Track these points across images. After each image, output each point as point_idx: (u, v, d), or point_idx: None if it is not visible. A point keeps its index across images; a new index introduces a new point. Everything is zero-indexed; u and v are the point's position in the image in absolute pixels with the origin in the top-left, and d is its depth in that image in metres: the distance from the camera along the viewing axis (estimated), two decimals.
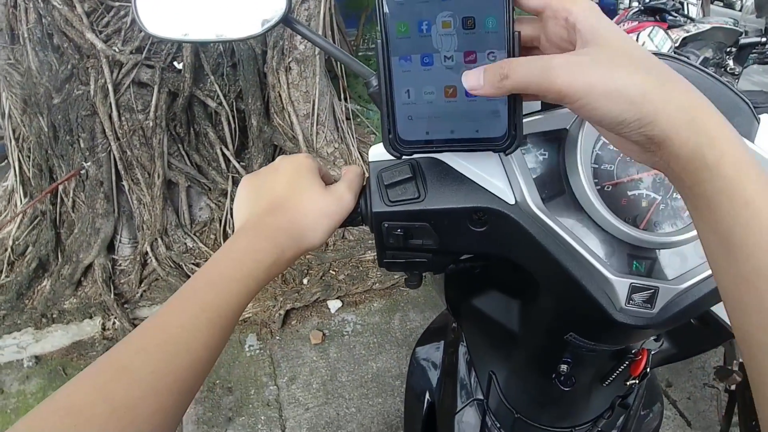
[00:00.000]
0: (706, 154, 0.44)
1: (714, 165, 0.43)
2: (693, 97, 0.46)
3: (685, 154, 0.45)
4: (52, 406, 0.47)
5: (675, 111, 0.45)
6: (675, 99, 0.45)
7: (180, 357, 0.53)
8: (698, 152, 0.44)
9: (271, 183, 0.73)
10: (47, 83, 2.81)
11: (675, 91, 0.46)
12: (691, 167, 0.45)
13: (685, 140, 0.44)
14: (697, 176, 0.45)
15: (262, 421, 2.65)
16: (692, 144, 0.44)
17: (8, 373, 2.96)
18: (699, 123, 0.44)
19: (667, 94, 0.45)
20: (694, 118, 0.45)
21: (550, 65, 0.48)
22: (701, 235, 0.47)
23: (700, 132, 0.44)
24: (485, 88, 0.52)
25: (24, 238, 3.29)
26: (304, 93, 3.15)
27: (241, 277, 0.61)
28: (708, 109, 0.46)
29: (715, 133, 0.44)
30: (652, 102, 0.45)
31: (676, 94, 0.46)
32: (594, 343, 0.77)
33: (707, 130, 0.44)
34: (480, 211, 0.66)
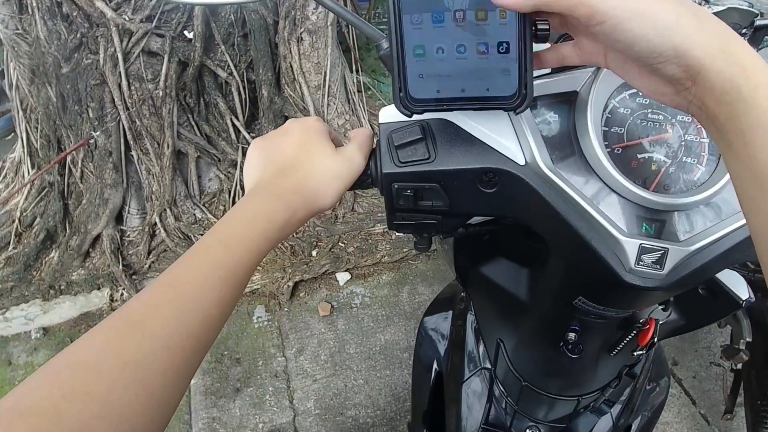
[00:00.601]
0: (741, 85, 0.43)
1: (749, 96, 0.42)
2: (724, 26, 0.45)
3: (720, 85, 0.44)
4: (63, 360, 0.47)
5: (708, 38, 0.44)
6: (707, 27, 0.45)
7: (192, 314, 0.53)
8: (733, 83, 0.43)
9: (281, 145, 0.73)
10: (56, 53, 2.80)
11: (706, 20, 0.45)
12: (727, 98, 0.44)
13: (720, 70, 0.44)
14: (733, 109, 0.44)
15: (270, 392, 2.67)
16: (727, 74, 0.43)
17: (16, 344, 2.98)
18: (733, 52, 0.44)
19: (700, 21, 0.45)
20: (727, 46, 0.44)
21: None
22: (734, 174, 0.46)
23: (734, 62, 0.43)
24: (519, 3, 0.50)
25: (32, 210, 3.29)
26: (315, 64, 3.13)
27: (253, 237, 0.61)
28: (738, 39, 0.45)
29: (749, 63, 0.43)
30: (686, 27, 0.44)
31: (708, 24, 0.45)
32: (602, 307, 0.76)
33: (741, 59, 0.43)
34: (490, 172, 0.66)
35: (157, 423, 0.49)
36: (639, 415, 1.25)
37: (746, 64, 0.43)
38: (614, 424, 1.13)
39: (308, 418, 2.58)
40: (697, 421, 2.47)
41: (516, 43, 0.56)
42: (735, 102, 0.43)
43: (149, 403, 0.48)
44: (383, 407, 2.58)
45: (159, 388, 0.49)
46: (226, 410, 2.63)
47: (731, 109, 0.44)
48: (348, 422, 2.55)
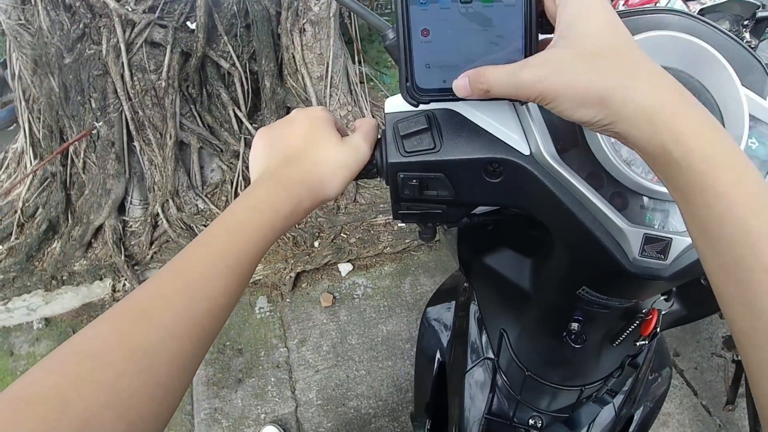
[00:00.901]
0: (672, 150, 0.45)
1: (682, 160, 0.44)
2: (657, 94, 0.47)
3: (650, 151, 0.47)
4: (69, 349, 0.47)
5: (634, 112, 0.46)
6: (636, 99, 0.46)
7: (199, 303, 0.53)
8: (664, 149, 0.45)
9: (287, 135, 0.72)
10: (58, 43, 2.79)
11: (638, 91, 0.47)
12: (660, 161, 0.46)
13: (647, 138, 0.46)
14: (668, 171, 0.46)
15: (272, 383, 2.69)
16: (655, 141, 0.46)
17: (18, 335, 3.00)
18: (661, 121, 0.45)
19: (628, 95, 0.47)
20: (655, 117, 0.46)
21: (518, 83, 0.51)
22: (686, 223, 0.48)
23: (662, 130, 0.45)
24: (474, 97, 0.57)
25: (34, 200, 3.30)
26: (318, 55, 3.13)
27: (259, 226, 0.61)
28: (674, 104, 0.46)
29: (680, 129, 0.45)
30: (611, 105, 0.47)
31: (638, 95, 0.46)
32: (606, 297, 0.77)
33: (671, 127, 0.45)
34: (495, 162, 0.66)
35: (163, 411, 0.49)
36: (641, 405, 1.26)
37: (678, 130, 0.45)
38: (616, 414, 1.14)
39: (310, 409, 2.59)
40: (698, 412, 2.47)
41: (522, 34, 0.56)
42: (668, 164, 0.46)
43: (156, 392, 0.48)
44: (385, 398, 2.59)
45: (166, 377, 0.49)
46: (228, 401, 2.64)
47: (667, 171, 0.47)
48: (350, 413, 2.56)
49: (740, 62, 0.61)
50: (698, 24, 0.63)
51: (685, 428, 2.43)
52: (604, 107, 0.47)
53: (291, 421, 2.56)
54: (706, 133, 0.45)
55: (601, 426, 1.13)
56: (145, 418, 0.47)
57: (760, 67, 0.62)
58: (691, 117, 0.45)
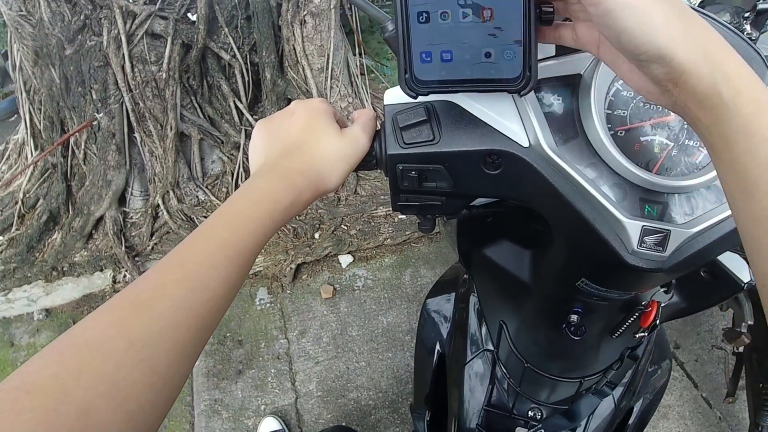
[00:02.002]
0: (723, 92, 0.44)
1: (731, 102, 0.43)
2: (711, 33, 0.46)
3: (702, 90, 0.45)
4: (69, 340, 0.47)
5: (694, 45, 0.45)
6: (694, 32, 0.45)
7: (198, 294, 0.53)
8: (715, 89, 0.44)
9: (286, 126, 0.72)
10: (59, 34, 2.79)
11: (695, 25, 0.46)
12: (708, 104, 0.45)
13: (702, 75, 0.44)
14: (714, 114, 0.45)
15: (272, 374, 2.69)
16: (709, 80, 0.44)
17: (18, 326, 3.00)
18: (716, 59, 0.44)
19: (688, 26, 0.45)
20: (712, 53, 0.45)
21: None
22: (720, 175, 0.47)
23: (717, 68, 0.44)
24: None
25: (35, 191, 3.30)
26: (318, 47, 3.12)
27: (259, 217, 0.61)
28: (724, 45, 0.45)
29: (731, 71, 0.44)
30: (673, 31, 0.45)
31: (695, 29, 0.45)
32: (605, 289, 0.77)
33: (724, 66, 0.44)
34: (494, 154, 0.66)
35: (162, 401, 0.49)
36: (641, 397, 1.26)
37: (729, 71, 0.44)
38: (616, 405, 1.14)
39: (310, 400, 2.59)
40: (698, 405, 2.48)
41: (521, 26, 0.56)
42: (717, 107, 0.44)
43: (156, 382, 0.48)
44: (385, 389, 2.60)
45: (165, 368, 0.49)
46: (228, 392, 2.65)
47: (713, 114, 0.45)
48: (350, 404, 2.57)
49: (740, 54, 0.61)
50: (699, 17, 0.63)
51: (685, 420, 2.43)
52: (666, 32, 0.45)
53: (291, 413, 2.56)
54: (753, 77, 0.45)
55: (600, 418, 1.13)
56: (144, 408, 0.47)
57: (760, 60, 0.62)
58: (740, 61, 0.45)
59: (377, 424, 2.50)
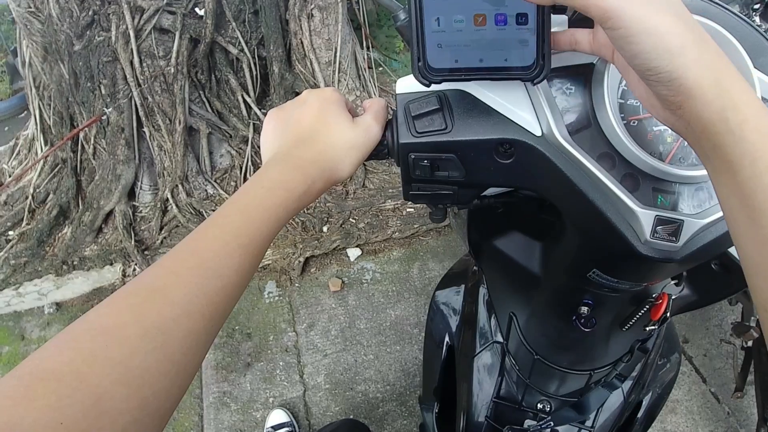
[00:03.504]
0: (730, 118, 0.44)
1: (737, 129, 0.44)
2: (722, 59, 0.46)
3: (707, 116, 0.45)
4: (84, 326, 0.47)
5: (704, 70, 0.45)
6: (706, 58, 0.45)
7: (212, 281, 0.53)
8: (722, 115, 0.44)
9: (298, 116, 0.72)
10: (68, 30, 2.80)
11: (707, 50, 0.46)
12: (713, 129, 0.45)
13: (709, 101, 0.45)
14: (719, 139, 0.45)
15: (281, 367, 2.70)
16: (717, 106, 0.44)
17: (29, 319, 3.02)
18: (725, 85, 0.45)
19: (701, 52, 0.45)
20: (720, 79, 0.45)
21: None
22: (722, 199, 0.48)
23: (724, 95, 0.44)
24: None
25: (45, 186, 3.31)
26: (326, 40, 3.12)
27: (272, 206, 0.61)
28: (734, 73, 0.46)
29: (739, 98, 0.44)
30: (687, 56, 0.45)
31: (707, 55, 0.45)
32: (616, 280, 0.76)
33: (732, 93, 0.44)
34: (506, 143, 0.66)
35: (176, 389, 0.49)
36: (649, 390, 1.26)
37: (737, 99, 0.44)
38: (625, 399, 1.14)
39: (318, 393, 2.60)
40: (707, 399, 2.47)
41: (534, 15, 0.56)
42: (722, 133, 0.45)
43: (169, 369, 0.48)
44: (393, 382, 2.60)
45: (179, 355, 0.49)
46: (236, 384, 2.66)
47: (718, 139, 0.45)
48: (358, 397, 2.57)
49: (752, 44, 0.61)
50: (710, 6, 0.63)
51: (693, 415, 2.43)
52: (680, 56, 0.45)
53: (299, 405, 2.57)
54: (758, 104, 0.45)
55: (609, 411, 1.13)
56: (158, 395, 0.47)
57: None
58: (747, 88, 0.45)
59: (385, 417, 2.50)
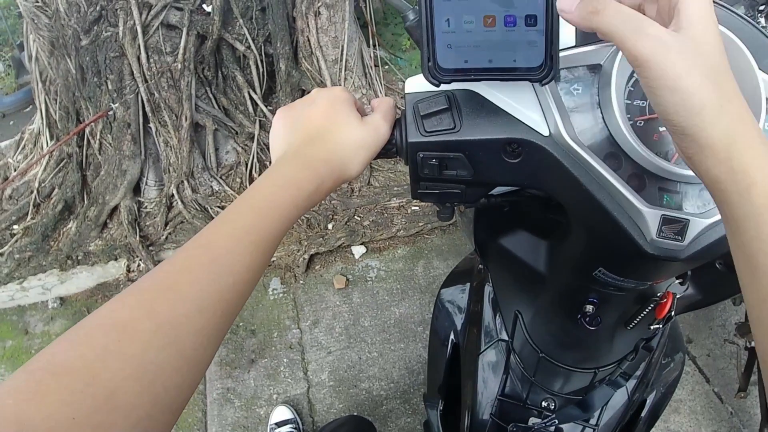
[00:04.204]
0: (739, 180, 0.45)
1: (744, 191, 0.45)
2: (742, 122, 0.47)
3: (715, 173, 0.47)
4: (96, 321, 0.48)
5: (720, 133, 0.46)
6: (725, 121, 0.46)
7: (224, 278, 0.54)
8: (731, 176, 0.46)
9: (307, 115, 0.73)
10: (75, 25, 2.80)
11: (729, 113, 0.47)
12: (721, 187, 0.47)
13: (720, 160, 0.46)
14: (726, 197, 0.47)
15: (285, 364, 2.71)
16: (726, 166, 0.46)
17: (33, 314, 3.03)
18: (738, 150, 0.46)
19: (721, 114, 0.46)
20: (735, 144, 0.46)
21: (643, 29, 0.47)
22: (731, 249, 0.49)
23: (735, 158, 0.46)
24: (573, 14, 0.52)
25: (50, 181, 3.32)
26: (333, 38, 3.12)
27: (283, 203, 0.61)
28: (753, 137, 0.47)
29: (750, 162, 0.46)
30: (705, 117, 0.46)
31: (727, 117, 0.46)
32: (622, 278, 0.77)
33: (744, 156, 0.46)
34: (514, 143, 0.66)
35: (188, 384, 0.50)
36: (653, 389, 1.26)
37: (747, 162, 0.46)
38: (629, 397, 1.14)
39: (322, 390, 2.61)
40: (710, 399, 2.47)
41: (543, 16, 0.56)
42: (729, 192, 0.46)
43: (182, 365, 0.49)
44: (397, 380, 2.61)
45: (191, 351, 0.50)
46: (240, 381, 2.66)
47: (725, 197, 0.47)
48: (362, 394, 2.58)
49: (757, 46, 0.61)
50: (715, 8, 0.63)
51: (696, 415, 2.43)
52: (698, 117, 0.46)
53: (303, 402, 2.58)
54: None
55: (613, 409, 1.14)
56: (170, 390, 0.47)
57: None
58: (761, 152, 0.46)
59: (389, 414, 2.51)
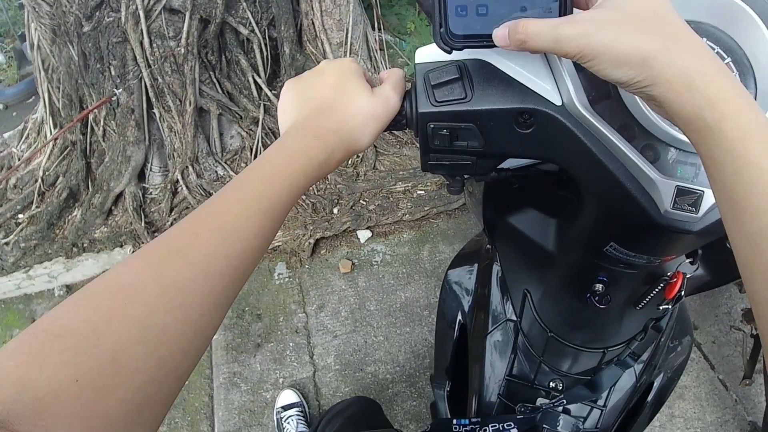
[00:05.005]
0: (707, 117, 0.46)
1: (715, 127, 0.45)
2: (697, 60, 0.48)
3: (685, 115, 0.47)
4: (102, 284, 0.47)
5: (675, 75, 0.47)
6: (677, 63, 0.47)
7: (232, 243, 0.54)
8: (698, 114, 0.46)
9: (317, 86, 0.72)
10: (77, 11, 2.79)
11: (680, 55, 0.48)
12: (693, 128, 0.47)
13: (685, 102, 0.47)
14: (701, 136, 0.47)
15: (291, 348, 2.72)
16: (692, 107, 0.47)
17: (39, 302, 3.05)
18: (699, 87, 0.46)
19: (670, 58, 0.48)
20: (693, 82, 0.47)
21: (559, 36, 0.51)
22: (713, 191, 0.49)
23: (699, 95, 0.46)
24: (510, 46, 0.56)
25: (54, 169, 3.32)
26: (337, 21, 3.11)
27: (293, 172, 0.61)
28: (712, 72, 0.47)
29: (715, 96, 0.46)
30: (653, 67, 0.48)
31: (679, 59, 0.47)
32: (633, 254, 0.76)
33: (707, 93, 0.46)
34: (526, 113, 0.65)
35: (193, 349, 0.50)
36: (661, 372, 1.26)
37: (712, 97, 0.46)
38: (637, 380, 1.14)
39: (328, 374, 2.62)
40: (715, 386, 2.47)
41: None
42: (702, 131, 0.47)
43: (187, 329, 0.48)
44: (403, 363, 2.61)
45: (197, 315, 0.49)
46: (246, 365, 2.67)
47: (700, 137, 0.47)
48: (367, 378, 2.59)
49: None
50: None
51: (701, 402, 2.43)
52: (645, 69, 0.48)
53: (309, 386, 2.59)
54: (740, 102, 0.46)
55: (621, 391, 1.13)
56: (175, 355, 0.47)
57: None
58: (726, 86, 0.46)
59: (394, 398, 2.52)
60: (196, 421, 2.56)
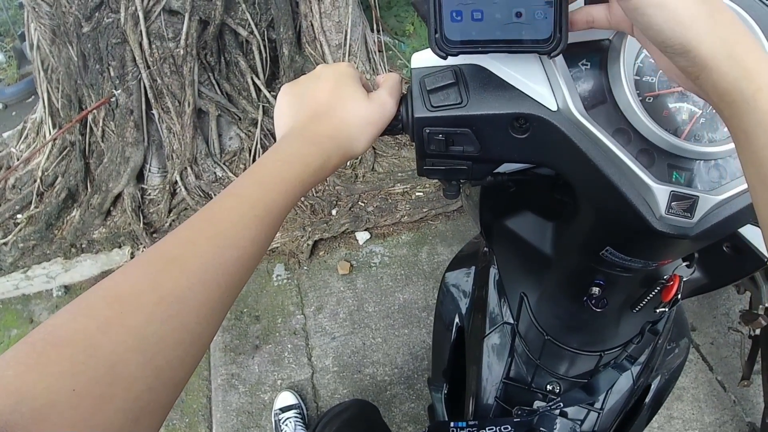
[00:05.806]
0: (744, 88, 0.45)
1: (751, 98, 0.45)
2: (737, 30, 0.47)
3: (722, 85, 0.47)
4: (99, 293, 0.47)
5: (717, 42, 0.46)
6: (720, 30, 0.47)
7: (228, 251, 0.53)
8: (736, 85, 0.46)
9: (313, 90, 0.72)
10: (76, 12, 2.79)
11: (721, 22, 0.47)
12: (729, 99, 0.47)
13: (723, 72, 0.46)
14: (734, 108, 0.46)
15: (289, 349, 2.71)
16: (730, 77, 0.46)
17: (38, 302, 3.04)
18: (739, 56, 0.46)
19: (714, 24, 0.47)
20: (734, 51, 0.46)
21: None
22: (743, 165, 0.49)
23: (738, 65, 0.46)
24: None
25: (53, 169, 3.33)
26: (336, 23, 3.11)
27: (289, 178, 0.61)
28: (750, 43, 0.47)
29: (753, 67, 0.45)
30: (699, 29, 0.47)
31: (721, 26, 0.47)
32: (630, 258, 0.76)
33: (746, 63, 0.46)
34: (522, 118, 0.66)
35: (190, 358, 0.49)
36: (658, 374, 1.26)
37: (750, 68, 0.46)
38: (634, 382, 1.14)
39: (326, 375, 2.61)
40: (713, 387, 2.47)
41: None
42: (737, 102, 0.46)
43: (184, 338, 0.48)
44: (401, 365, 2.61)
45: (194, 324, 0.49)
46: (245, 367, 2.67)
47: (733, 108, 0.47)
48: (366, 380, 2.58)
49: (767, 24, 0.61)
50: None
51: (699, 403, 2.43)
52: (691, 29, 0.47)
53: (307, 387, 2.58)
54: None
55: (618, 393, 1.13)
56: (173, 363, 0.47)
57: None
58: (762, 58, 0.46)
59: (392, 400, 2.51)
60: (194, 423, 2.56)
